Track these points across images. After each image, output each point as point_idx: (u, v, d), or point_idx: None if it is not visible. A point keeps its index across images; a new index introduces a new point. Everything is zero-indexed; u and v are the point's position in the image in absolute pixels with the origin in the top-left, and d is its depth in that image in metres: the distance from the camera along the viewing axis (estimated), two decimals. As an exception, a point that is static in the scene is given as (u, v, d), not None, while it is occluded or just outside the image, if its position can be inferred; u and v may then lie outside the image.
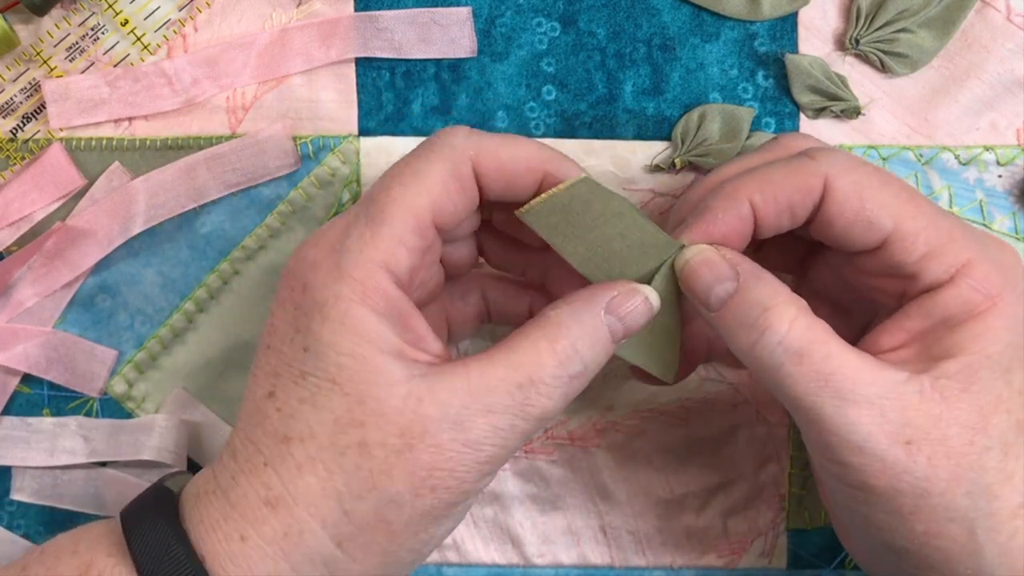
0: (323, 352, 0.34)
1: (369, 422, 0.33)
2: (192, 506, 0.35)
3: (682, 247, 0.37)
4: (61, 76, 0.44)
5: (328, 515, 0.34)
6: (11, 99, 0.44)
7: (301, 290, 0.35)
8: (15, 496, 0.45)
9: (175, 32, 0.44)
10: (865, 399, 0.34)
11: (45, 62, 0.44)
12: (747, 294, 0.35)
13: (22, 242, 0.44)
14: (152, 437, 0.44)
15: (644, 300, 0.36)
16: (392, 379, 0.34)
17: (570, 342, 0.35)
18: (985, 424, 0.34)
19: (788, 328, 0.34)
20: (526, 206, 0.36)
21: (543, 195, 0.36)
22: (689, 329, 0.40)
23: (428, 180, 0.36)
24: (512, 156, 0.37)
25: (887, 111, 0.44)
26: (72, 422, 0.45)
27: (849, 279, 0.39)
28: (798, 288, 0.40)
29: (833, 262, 0.40)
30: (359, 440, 0.34)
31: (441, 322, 0.41)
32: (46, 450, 0.44)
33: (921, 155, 0.44)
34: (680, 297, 0.37)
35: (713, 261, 0.36)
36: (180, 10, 0.44)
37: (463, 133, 0.37)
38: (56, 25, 0.44)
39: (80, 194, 0.44)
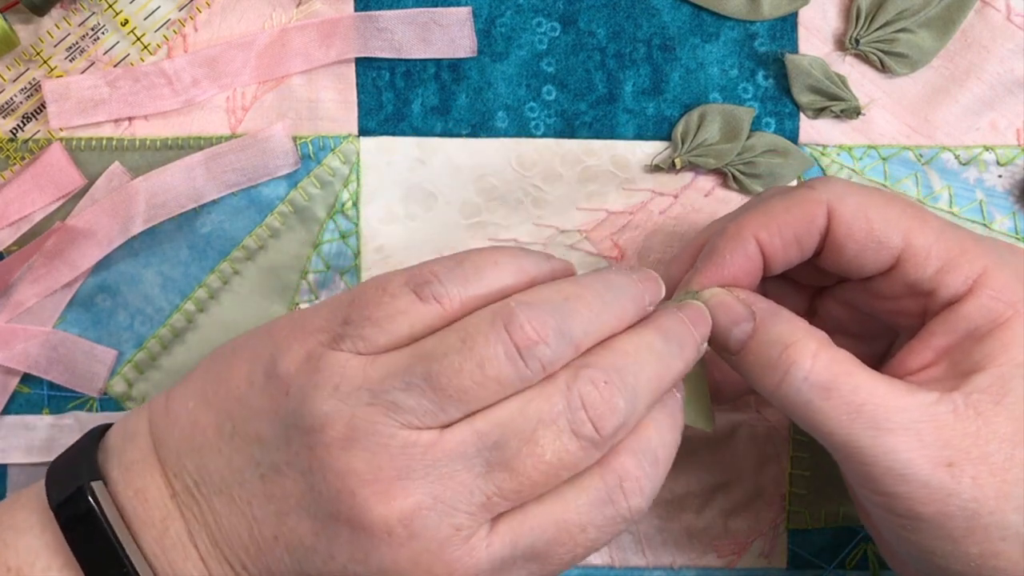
0: None
1: None
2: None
3: (695, 294, 0.37)
4: (61, 76, 0.44)
5: None
6: (11, 99, 0.44)
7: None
8: (11, 494, 0.45)
9: (175, 32, 0.44)
10: (900, 425, 0.33)
11: (45, 62, 0.44)
12: (766, 333, 0.35)
13: (22, 242, 0.44)
14: None
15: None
16: None
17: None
18: None
19: (812, 363, 0.34)
20: None
21: None
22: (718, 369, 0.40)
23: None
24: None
25: (887, 111, 0.44)
26: (70, 418, 0.45)
27: (864, 307, 0.39)
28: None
29: (843, 296, 0.40)
30: None
31: None
32: (45, 448, 0.44)
33: (921, 155, 0.44)
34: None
35: (728, 303, 0.36)
36: (180, 10, 0.44)
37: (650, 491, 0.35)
38: (56, 25, 0.44)
39: (80, 194, 0.44)
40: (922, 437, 0.34)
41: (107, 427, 0.38)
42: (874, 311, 0.39)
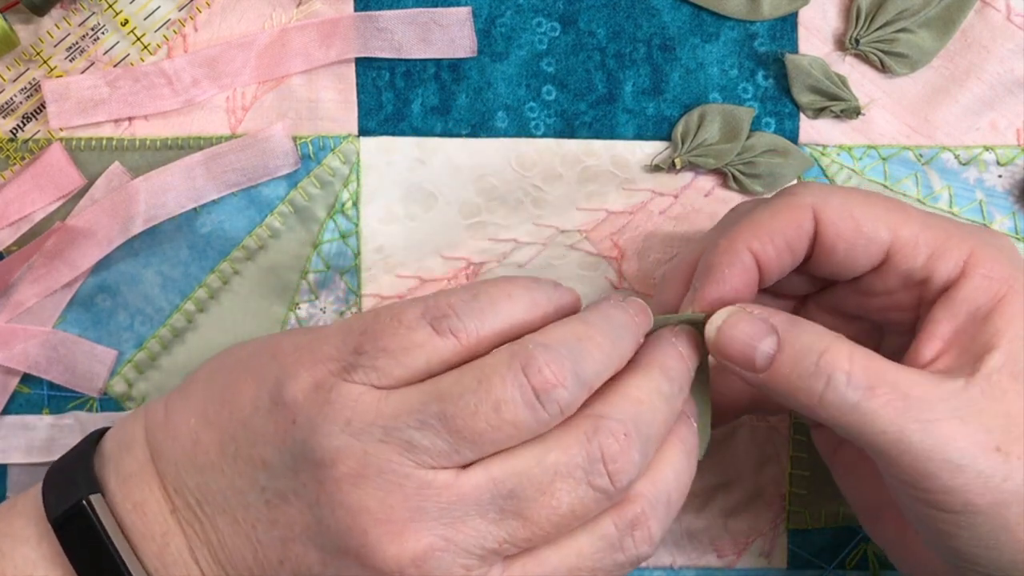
0: None
1: None
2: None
3: (705, 317, 0.36)
4: (61, 76, 0.44)
5: None
6: (11, 99, 0.44)
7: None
8: (11, 494, 0.45)
9: (175, 32, 0.44)
10: (945, 415, 0.33)
11: (45, 62, 0.44)
12: (795, 344, 0.34)
13: (22, 242, 0.44)
14: None
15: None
16: None
17: None
18: None
19: (850, 365, 0.34)
20: None
21: None
22: (721, 386, 0.39)
23: None
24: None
25: (887, 111, 0.44)
26: (70, 418, 0.45)
27: (853, 309, 0.39)
28: None
29: (828, 302, 0.40)
30: None
31: None
32: (45, 448, 0.44)
33: (921, 155, 0.44)
34: (702, 372, 0.37)
35: (748, 321, 0.35)
36: (180, 10, 0.44)
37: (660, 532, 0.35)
38: (56, 25, 0.44)
39: (80, 194, 0.44)
40: (967, 424, 0.33)
41: (105, 431, 0.38)
42: (865, 311, 0.39)
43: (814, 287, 0.40)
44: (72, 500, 0.34)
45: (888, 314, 0.38)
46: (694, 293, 0.37)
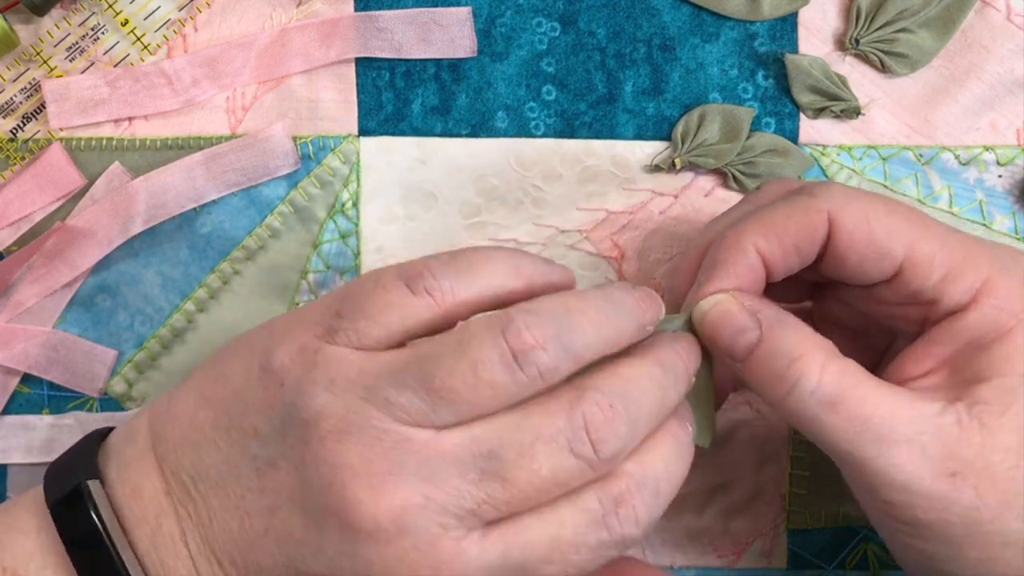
0: None
1: None
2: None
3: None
4: (61, 76, 0.44)
5: None
6: (11, 99, 0.44)
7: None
8: (12, 494, 0.45)
9: (175, 32, 0.44)
10: (904, 438, 0.33)
11: (45, 62, 0.44)
12: (773, 344, 0.35)
13: (22, 242, 0.44)
14: None
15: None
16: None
17: None
18: None
19: (819, 376, 0.34)
20: None
21: None
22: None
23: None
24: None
25: (887, 111, 0.44)
26: (70, 418, 0.45)
27: (865, 310, 0.39)
28: (810, 318, 0.39)
29: (844, 296, 0.39)
30: None
31: None
32: (45, 448, 0.44)
33: (921, 155, 0.44)
34: (707, 358, 0.37)
35: (732, 313, 0.35)
36: (180, 10, 0.44)
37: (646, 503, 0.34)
38: (56, 25, 0.44)
39: (80, 194, 0.44)
40: (926, 449, 0.33)
41: (109, 430, 0.38)
42: (874, 315, 0.38)
43: (824, 279, 0.40)
44: (70, 486, 0.35)
45: (895, 321, 0.38)
46: (697, 287, 0.37)
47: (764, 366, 0.35)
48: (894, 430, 0.33)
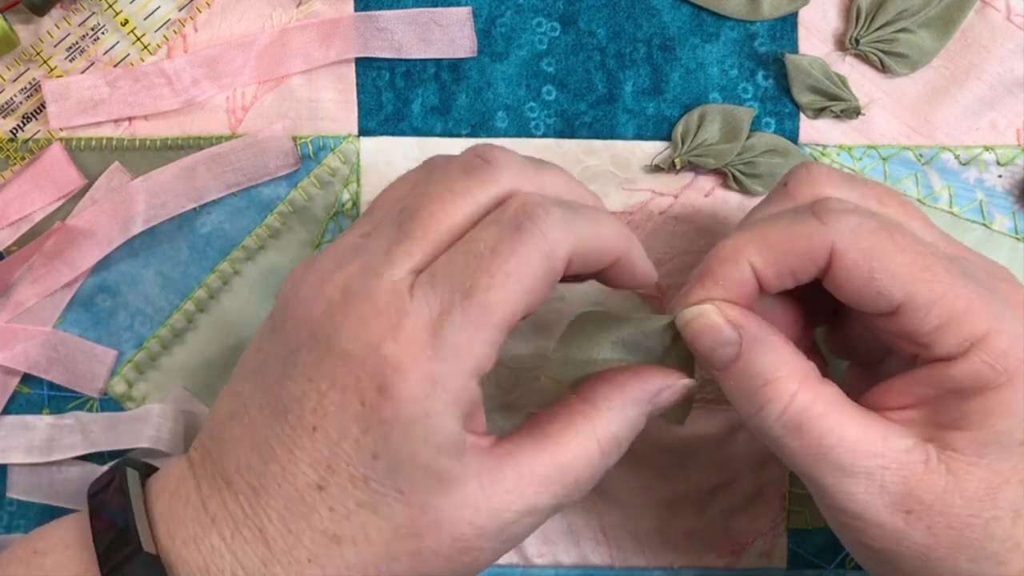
0: (399, 465, 0.32)
1: (427, 533, 0.33)
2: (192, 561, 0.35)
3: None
4: (61, 76, 0.44)
5: None
6: (11, 99, 0.44)
7: (376, 391, 0.32)
8: (11, 494, 0.45)
9: (175, 32, 0.44)
10: (865, 471, 0.34)
11: (45, 62, 0.44)
12: (748, 364, 0.35)
13: (22, 242, 0.44)
14: (148, 426, 0.44)
15: (684, 388, 0.37)
16: (453, 486, 0.33)
17: (614, 434, 0.35)
18: (994, 496, 0.34)
19: (787, 404, 0.34)
20: (548, 373, 0.36)
21: (557, 350, 0.36)
22: None
23: (529, 283, 0.33)
24: (600, 248, 0.35)
25: (887, 111, 0.44)
26: (70, 418, 0.45)
27: (864, 324, 0.38)
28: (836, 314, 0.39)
29: (838, 307, 0.39)
30: (414, 548, 0.33)
31: None
32: (45, 448, 0.44)
33: (921, 155, 0.44)
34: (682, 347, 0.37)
35: (713, 326, 0.35)
36: (180, 10, 0.44)
37: (558, 222, 0.34)
38: (56, 25, 0.44)
39: (80, 194, 0.44)
40: (885, 484, 0.34)
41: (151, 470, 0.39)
42: (868, 334, 0.38)
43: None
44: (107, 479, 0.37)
45: (890, 343, 0.37)
46: (687, 293, 0.36)
47: (738, 382, 0.35)
48: (855, 463, 0.34)
